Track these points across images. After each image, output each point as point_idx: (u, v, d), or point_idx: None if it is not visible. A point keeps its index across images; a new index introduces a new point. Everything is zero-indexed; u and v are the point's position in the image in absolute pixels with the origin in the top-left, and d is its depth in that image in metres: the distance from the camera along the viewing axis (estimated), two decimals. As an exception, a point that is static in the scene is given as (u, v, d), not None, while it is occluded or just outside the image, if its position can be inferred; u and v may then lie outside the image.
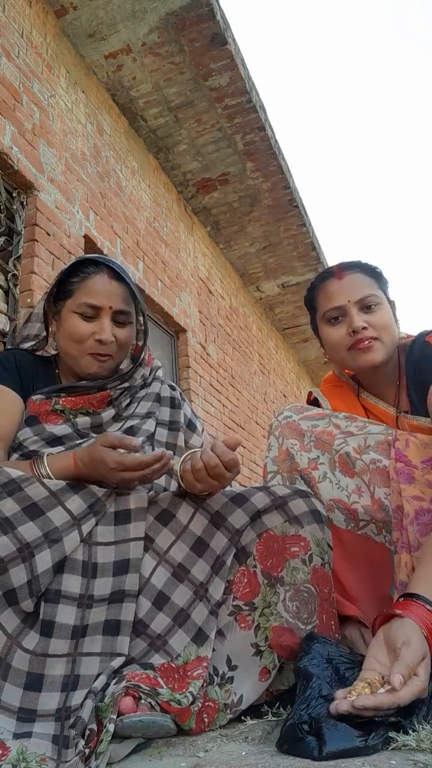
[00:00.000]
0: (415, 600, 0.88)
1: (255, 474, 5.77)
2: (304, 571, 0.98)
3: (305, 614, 0.97)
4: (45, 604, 0.92)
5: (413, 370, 1.24)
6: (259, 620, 0.98)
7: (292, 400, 7.61)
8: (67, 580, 0.94)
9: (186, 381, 4.67)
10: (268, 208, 5.30)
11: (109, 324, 1.16)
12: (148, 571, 1.00)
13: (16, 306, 2.89)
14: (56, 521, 0.95)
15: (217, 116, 4.35)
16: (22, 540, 0.91)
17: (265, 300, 6.77)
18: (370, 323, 1.22)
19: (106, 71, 3.96)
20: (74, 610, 0.92)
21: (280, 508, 1.00)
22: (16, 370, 1.19)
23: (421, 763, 0.67)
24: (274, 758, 0.73)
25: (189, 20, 3.65)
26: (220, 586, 0.97)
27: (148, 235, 4.41)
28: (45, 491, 0.96)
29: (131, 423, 1.21)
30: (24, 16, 3.30)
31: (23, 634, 0.90)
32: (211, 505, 1.02)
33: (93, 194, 3.72)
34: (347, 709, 0.75)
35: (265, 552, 1.00)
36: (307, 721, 0.76)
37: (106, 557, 0.98)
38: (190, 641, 0.94)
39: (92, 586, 0.95)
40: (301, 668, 0.86)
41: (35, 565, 0.91)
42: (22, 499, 0.94)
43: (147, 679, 0.88)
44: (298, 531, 0.99)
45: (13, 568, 0.90)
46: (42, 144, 3.24)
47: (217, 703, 0.93)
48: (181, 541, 1.01)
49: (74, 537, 0.95)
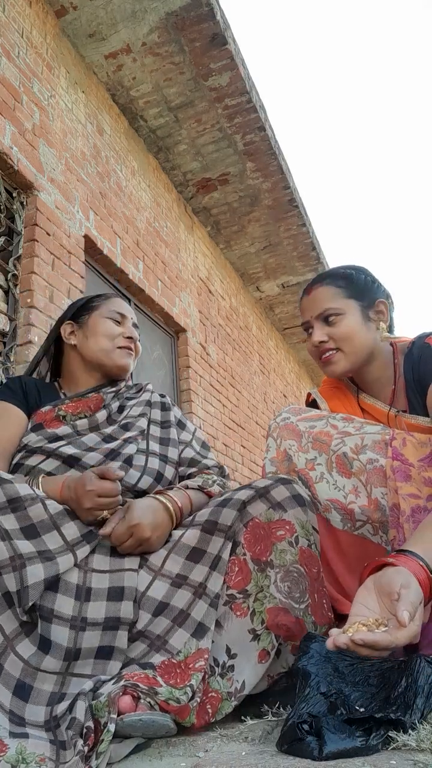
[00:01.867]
0: (408, 555, 0.89)
1: (255, 474, 5.77)
2: (292, 553, 1.02)
3: (297, 593, 1.00)
4: (41, 621, 0.94)
5: (412, 370, 1.27)
6: (253, 606, 1.00)
7: (292, 400, 7.61)
8: (60, 601, 0.96)
9: (186, 381, 4.67)
10: (268, 208, 5.30)
11: (132, 328, 1.44)
12: (143, 586, 1.02)
13: (16, 306, 2.89)
14: (50, 545, 0.99)
15: (217, 116, 4.35)
16: (17, 550, 0.95)
17: (265, 300, 6.78)
18: (330, 335, 1.30)
19: (106, 71, 3.96)
20: (67, 632, 0.94)
21: (263, 496, 1.06)
22: (21, 390, 1.34)
23: (421, 763, 0.67)
24: (274, 758, 0.73)
25: (189, 20, 3.65)
26: (218, 579, 1.00)
27: (148, 235, 4.41)
28: (45, 514, 1.00)
29: (125, 422, 1.32)
30: (24, 16, 3.30)
31: (18, 639, 0.93)
32: (201, 519, 1.07)
33: (93, 194, 3.72)
34: (345, 643, 0.75)
35: (252, 539, 1.03)
36: (307, 719, 0.76)
37: (101, 583, 1.01)
38: (190, 636, 0.96)
39: (85, 609, 0.97)
40: (299, 668, 0.86)
41: (25, 576, 0.93)
42: (22, 518, 0.98)
43: (146, 678, 0.88)
44: (282, 516, 1.04)
45: (5, 575, 0.94)
46: (42, 144, 3.24)
47: (220, 693, 0.94)
48: (174, 554, 1.05)
49: (68, 558, 0.99)
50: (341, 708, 0.79)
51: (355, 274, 1.34)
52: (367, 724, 0.76)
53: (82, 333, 1.42)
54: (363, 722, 0.76)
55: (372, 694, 0.83)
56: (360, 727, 0.75)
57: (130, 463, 1.21)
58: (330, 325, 1.30)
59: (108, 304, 1.45)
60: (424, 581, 0.86)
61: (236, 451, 5.43)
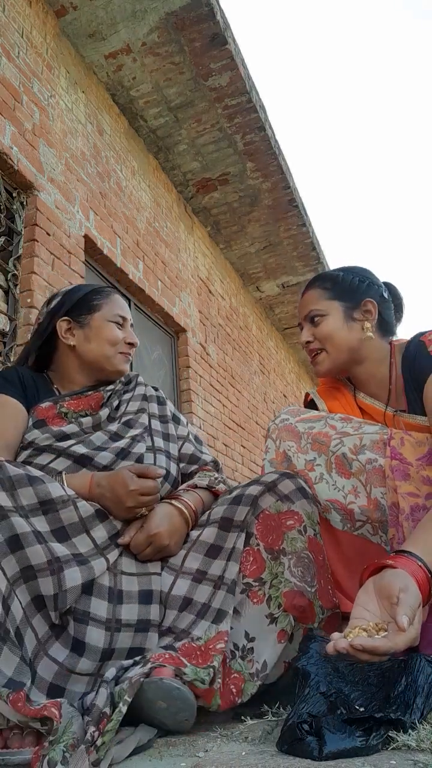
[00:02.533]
0: (407, 555, 0.90)
1: (255, 474, 5.77)
2: (302, 540, 1.06)
3: (308, 577, 1.04)
4: (75, 623, 0.95)
5: (409, 369, 1.28)
6: (269, 592, 1.04)
7: (292, 400, 7.61)
8: (95, 603, 0.98)
9: (186, 381, 4.67)
10: (268, 208, 5.30)
11: (132, 332, 1.43)
12: (167, 586, 1.07)
13: (16, 306, 2.89)
14: (81, 548, 1.00)
15: (217, 116, 4.35)
16: (54, 553, 0.94)
17: (265, 300, 6.78)
18: (314, 335, 1.36)
19: (106, 71, 3.96)
20: (103, 633, 0.96)
21: (271, 490, 1.10)
22: (19, 383, 1.31)
23: (421, 763, 0.67)
24: (274, 758, 0.73)
25: (189, 20, 3.65)
26: (234, 567, 1.05)
27: (148, 235, 4.41)
28: (76, 517, 1.01)
29: (126, 419, 1.32)
30: (24, 16, 3.30)
31: (50, 643, 0.93)
32: (217, 516, 1.11)
33: (93, 194, 3.72)
34: (345, 648, 0.76)
35: (264, 530, 1.07)
36: (307, 719, 0.76)
37: (131, 586, 1.04)
38: (211, 623, 1.00)
39: (119, 611, 1.00)
40: (299, 668, 0.86)
41: (63, 580, 0.93)
42: (53, 521, 0.99)
43: (170, 658, 0.91)
44: (290, 507, 1.09)
45: (42, 578, 0.93)
46: (42, 144, 3.24)
47: (242, 674, 0.97)
48: (194, 552, 1.09)
49: (101, 562, 1.01)
50: (341, 707, 0.79)
51: (343, 276, 1.38)
52: (367, 724, 0.76)
53: (83, 334, 1.38)
54: (363, 722, 0.76)
55: (372, 693, 0.83)
56: (360, 727, 0.75)
57: (141, 462, 1.23)
58: (315, 325, 1.36)
59: (110, 306, 1.41)
60: (423, 582, 0.86)
61: (236, 451, 5.43)
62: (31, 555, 0.93)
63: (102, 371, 1.38)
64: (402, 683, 0.81)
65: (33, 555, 0.93)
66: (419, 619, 0.81)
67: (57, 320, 1.38)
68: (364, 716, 0.76)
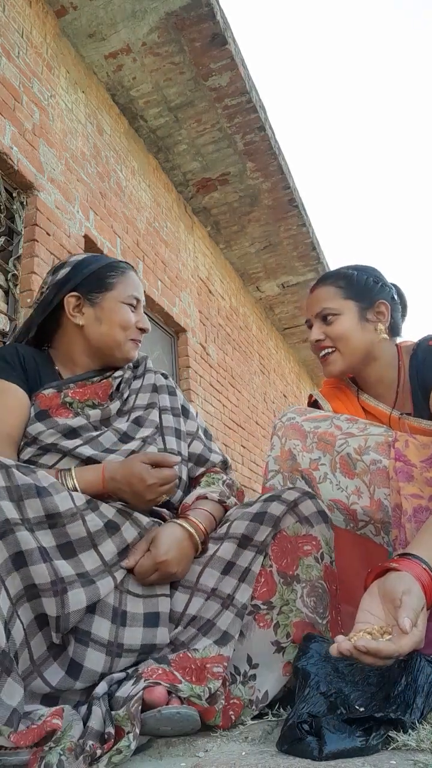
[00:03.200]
0: (411, 558, 0.89)
1: (255, 474, 5.77)
2: (317, 568, 1.01)
3: (321, 609, 1.00)
4: (75, 643, 0.91)
5: (417, 373, 1.28)
6: (278, 618, 1.00)
7: (292, 400, 7.61)
8: (98, 623, 0.93)
9: (186, 381, 4.67)
10: (268, 208, 5.30)
11: (144, 316, 1.31)
12: (182, 606, 1.02)
13: (16, 306, 2.89)
14: (87, 565, 0.94)
15: (217, 116, 4.35)
16: (58, 573, 0.89)
17: (265, 300, 6.77)
18: (327, 334, 1.33)
19: (106, 71, 3.96)
20: (103, 657, 0.91)
21: (292, 510, 1.04)
22: (20, 365, 1.19)
23: (421, 763, 0.67)
24: (274, 758, 0.73)
25: (189, 20, 3.65)
26: (247, 591, 1.00)
27: (148, 235, 4.41)
28: (84, 531, 0.95)
29: (136, 414, 1.23)
30: (24, 16, 3.30)
31: (46, 665, 0.89)
32: (236, 531, 1.05)
33: (93, 194, 3.72)
34: (349, 649, 0.75)
35: (279, 552, 1.03)
36: (307, 719, 0.76)
37: (136, 608, 0.98)
38: (213, 643, 0.95)
39: (122, 634, 0.94)
40: (299, 668, 0.86)
41: (67, 601, 0.88)
42: (60, 536, 0.93)
43: (164, 675, 0.88)
44: (309, 531, 1.03)
45: (45, 597, 0.88)
46: (42, 144, 3.24)
47: (242, 700, 0.94)
48: (210, 568, 1.04)
49: (108, 581, 0.95)
50: (341, 707, 0.79)
51: (357, 275, 1.35)
52: (367, 724, 0.75)
53: (94, 315, 1.25)
54: (363, 722, 0.76)
55: (372, 693, 0.82)
56: (360, 727, 0.75)
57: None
58: (327, 324, 1.33)
59: (125, 285, 1.28)
60: (428, 584, 0.86)
61: (236, 451, 5.43)
62: (35, 574, 0.88)
63: (110, 357, 1.26)
64: (402, 683, 0.81)
65: (37, 574, 0.88)
66: (424, 622, 0.81)
67: (64, 295, 1.25)
68: (364, 716, 0.76)
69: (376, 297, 1.33)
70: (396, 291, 1.40)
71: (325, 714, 0.77)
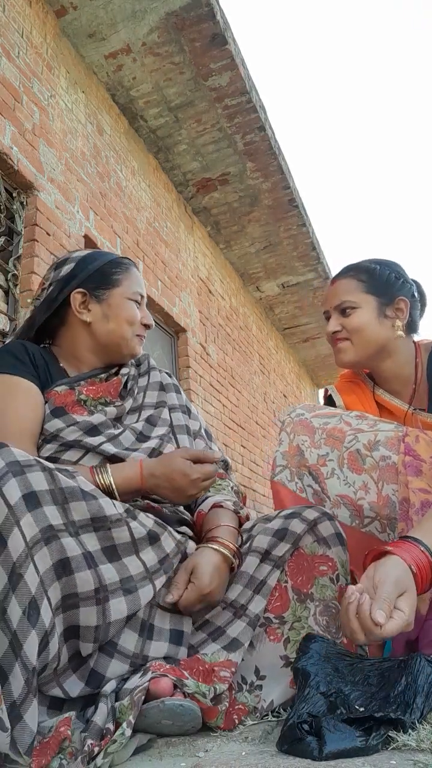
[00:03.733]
0: (410, 541, 0.91)
1: (254, 474, 5.77)
2: (332, 589, 1.02)
3: (333, 629, 1.00)
4: (100, 654, 0.90)
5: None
6: (288, 634, 1.00)
7: (292, 400, 7.60)
8: (126, 636, 0.92)
9: (186, 381, 4.67)
10: (268, 208, 5.30)
11: (148, 312, 1.32)
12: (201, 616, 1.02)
13: (16, 306, 2.89)
14: (132, 570, 0.91)
15: (217, 116, 4.35)
16: (102, 580, 0.87)
17: (265, 300, 6.77)
18: (344, 326, 1.34)
19: (106, 71, 3.96)
20: (126, 668, 0.91)
21: (311, 529, 1.05)
22: (30, 362, 1.18)
23: (421, 763, 0.67)
24: (274, 758, 0.73)
25: (189, 20, 3.65)
26: (261, 603, 1.01)
27: (148, 235, 4.41)
28: (128, 536, 0.93)
29: (147, 413, 1.24)
30: (24, 16, 3.30)
31: (65, 676, 0.87)
32: (259, 546, 1.05)
33: (93, 194, 3.72)
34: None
35: (295, 569, 1.04)
36: (307, 719, 0.76)
37: (163, 623, 0.97)
38: (221, 648, 0.96)
39: (148, 647, 0.93)
40: (299, 668, 0.86)
41: (108, 611, 0.87)
42: (105, 539, 0.90)
43: (172, 670, 0.88)
44: (326, 552, 1.04)
45: (84, 607, 0.86)
46: (42, 144, 3.24)
47: (247, 706, 0.95)
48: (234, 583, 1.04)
49: (149, 590, 0.93)
50: (341, 707, 0.79)
51: (380, 270, 1.36)
52: (367, 724, 0.75)
53: (101, 311, 1.25)
54: (363, 722, 0.76)
55: (372, 693, 0.82)
56: (360, 727, 0.75)
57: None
58: (345, 316, 1.34)
59: (130, 282, 1.29)
60: (425, 567, 0.87)
61: (236, 451, 5.43)
62: (80, 582, 0.85)
63: (117, 353, 1.26)
64: (402, 683, 0.81)
65: (82, 582, 0.85)
66: (409, 604, 0.83)
67: (70, 291, 1.25)
68: (364, 716, 0.76)
69: (397, 293, 1.34)
70: (417, 288, 1.40)
71: (325, 714, 0.77)
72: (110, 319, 1.25)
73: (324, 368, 8.56)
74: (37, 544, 0.82)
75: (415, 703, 0.78)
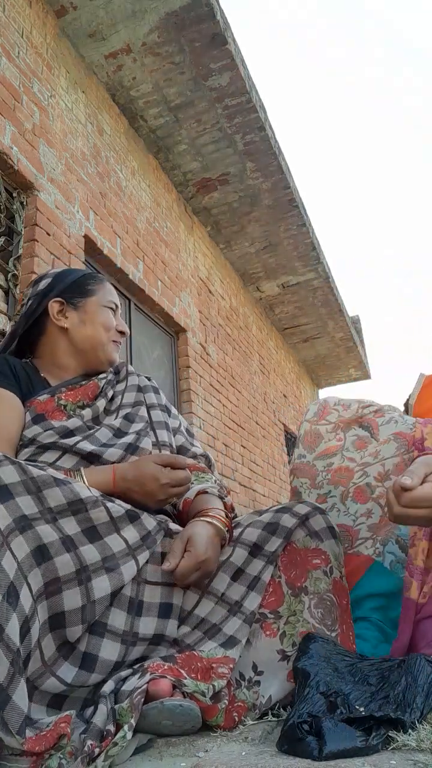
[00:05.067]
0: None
1: (255, 474, 5.77)
2: (326, 582, 1.03)
3: (329, 621, 1.01)
4: (90, 636, 0.91)
5: None
6: (284, 628, 1.01)
7: (292, 400, 7.60)
8: (114, 615, 0.93)
9: (186, 381, 4.67)
10: (268, 208, 5.30)
11: (122, 321, 1.40)
12: (191, 605, 1.02)
13: (16, 306, 2.89)
14: (114, 548, 0.94)
15: (217, 116, 4.35)
16: (83, 561, 0.89)
17: (265, 300, 6.77)
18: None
19: (106, 71, 3.96)
20: (118, 647, 0.92)
21: (303, 523, 1.06)
22: (11, 374, 1.23)
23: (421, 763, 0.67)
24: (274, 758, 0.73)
25: (189, 20, 3.65)
26: (256, 599, 1.01)
27: (148, 235, 4.41)
28: (107, 516, 0.95)
29: (125, 411, 1.27)
30: (24, 16, 3.30)
31: (58, 664, 0.88)
32: (249, 538, 1.06)
33: (93, 194, 3.72)
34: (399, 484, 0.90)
35: (288, 563, 1.04)
36: (307, 719, 0.76)
37: (153, 597, 0.99)
38: (219, 646, 0.96)
39: (137, 624, 0.95)
40: (299, 668, 0.86)
41: (92, 590, 0.88)
42: (84, 521, 0.92)
43: (170, 670, 0.89)
44: (318, 545, 1.05)
45: (67, 590, 0.87)
46: (42, 144, 3.24)
47: (246, 703, 0.95)
48: (222, 572, 1.04)
49: (131, 566, 0.95)
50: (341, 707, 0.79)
51: None
52: (367, 724, 0.76)
53: (78, 317, 1.32)
54: (363, 722, 0.76)
55: (371, 693, 0.83)
56: (360, 727, 0.75)
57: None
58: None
59: (104, 292, 1.38)
60: None
61: (236, 451, 5.43)
62: (60, 565, 0.87)
63: (94, 358, 1.32)
64: (402, 683, 0.81)
65: (62, 564, 0.87)
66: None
67: (48, 301, 1.32)
68: (364, 716, 0.76)
69: None
70: None
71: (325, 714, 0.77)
72: (86, 324, 1.32)
73: (324, 368, 8.56)
74: (11, 533, 0.83)
75: (415, 703, 0.78)
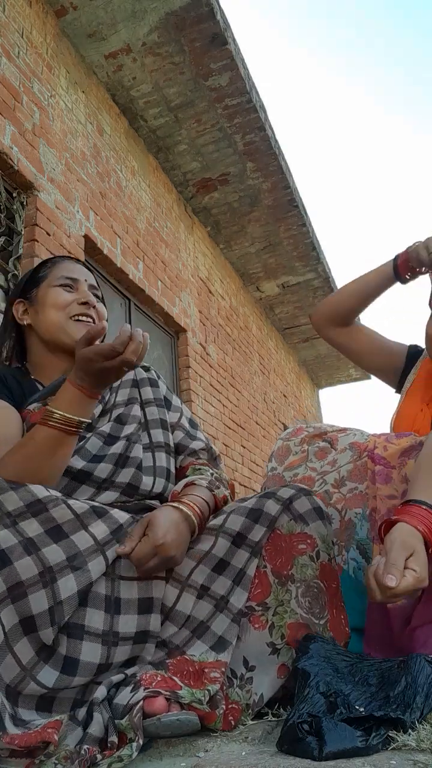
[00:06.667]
0: (411, 503, 0.95)
1: (255, 474, 5.77)
2: (313, 567, 1.00)
3: (317, 609, 0.99)
4: (68, 639, 0.89)
5: None
6: (273, 619, 0.98)
7: (291, 400, 7.60)
8: (91, 615, 0.91)
9: (186, 381, 4.67)
10: (268, 208, 5.30)
11: (87, 291, 1.26)
12: (171, 601, 0.99)
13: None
14: (80, 545, 0.91)
15: (217, 116, 4.35)
16: (45, 563, 0.87)
17: (265, 300, 6.77)
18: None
19: (106, 71, 3.96)
20: (99, 648, 0.89)
21: (287, 508, 1.02)
22: (3, 385, 1.19)
23: (421, 763, 0.67)
24: (274, 758, 0.73)
25: (189, 20, 3.65)
26: (243, 595, 0.98)
27: (148, 235, 4.41)
28: (70, 513, 0.92)
29: (117, 412, 1.22)
30: (24, 16, 3.30)
31: (38, 668, 0.86)
32: (231, 527, 1.02)
33: (93, 194, 3.72)
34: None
35: (273, 551, 1.01)
36: (307, 719, 0.76)
37: (130, 593, 0.95)
38: (209, 649, 0.94)
39: (116, 623, 0.92)
40: (299, 668, 0.86)
41: (58, 590, 0.86)
42: (46, 521, 0.90)
43: (164, 681, 0.87)
44: (304, 529, 1.01)
45: (33, 593, 0.85)
46: (42, 144, 3.24)
47: (240, 704, 0.93)
48: (203, 565, 1.01)
49: (99, 562, 0.92)
50: (341, 707, 0.79)
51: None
52: (367, 724, 0.76)
53: (33, 310, 1.26)
54: (363, 722, 0.76)
55: (372, 693, 0.83)
56: (360, 727, 0.75)
57: (141, 468, 1.14)
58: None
59: (55, 270, 1.27)
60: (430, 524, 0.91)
61: (236, 451, 5.43)
62: (21, 569, 0.85)
63: (61, 345, 1.22)
64: (402, 683, 0.81)
65: (22, 568, 0.85)
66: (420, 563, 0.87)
67: (13, 305, 1.29)
68: (364, 716, 0.76)
69: None
70: None
71: (325, 714, 0.77)
72: (39, 312, 1.24)
73: (324, 368, 8.56)
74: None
75: (415, 703, 0.78)
